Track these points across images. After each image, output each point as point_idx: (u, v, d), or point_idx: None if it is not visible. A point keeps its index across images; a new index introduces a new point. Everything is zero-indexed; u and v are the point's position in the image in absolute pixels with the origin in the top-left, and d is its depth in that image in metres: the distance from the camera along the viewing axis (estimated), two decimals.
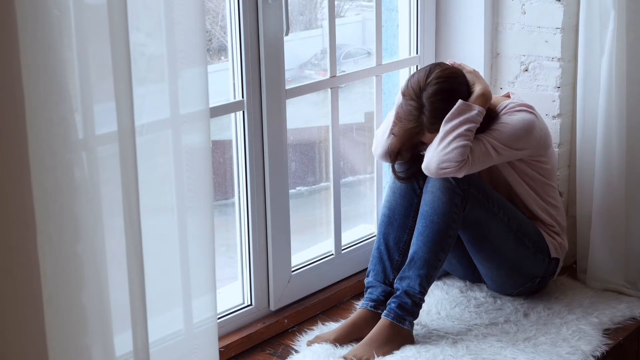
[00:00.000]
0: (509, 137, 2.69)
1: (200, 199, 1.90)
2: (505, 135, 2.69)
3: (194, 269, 1.93)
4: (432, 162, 2.61)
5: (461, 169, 2.59)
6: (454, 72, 2.69)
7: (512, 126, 2.70)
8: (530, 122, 2.72)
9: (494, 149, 2.66)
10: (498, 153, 2.67)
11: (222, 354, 2.46)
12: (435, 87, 2.63)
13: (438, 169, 2.60)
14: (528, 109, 2.75)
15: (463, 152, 2.58)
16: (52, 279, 1.61)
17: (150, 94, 1.79)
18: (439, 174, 2.62)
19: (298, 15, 3.16)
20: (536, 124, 2.74)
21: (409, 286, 2.63)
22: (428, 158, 2.62)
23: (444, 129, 2.61)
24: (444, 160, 2.59)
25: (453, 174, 2.61)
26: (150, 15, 1.78)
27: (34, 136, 1.55)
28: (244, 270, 2.76)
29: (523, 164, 2.79)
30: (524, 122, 2.71)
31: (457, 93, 2.65)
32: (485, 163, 2.67)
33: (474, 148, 2.62)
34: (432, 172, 2.62)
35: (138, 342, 1.80)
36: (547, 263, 2.84)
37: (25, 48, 1.51)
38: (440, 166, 2.60)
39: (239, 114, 2.65)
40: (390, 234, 2.77)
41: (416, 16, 3.22)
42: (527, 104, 2.79)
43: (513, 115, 2.72)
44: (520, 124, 2.71)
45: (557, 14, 3.07)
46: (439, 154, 2.60)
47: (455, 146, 2.58)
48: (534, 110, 2.78)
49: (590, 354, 2.60)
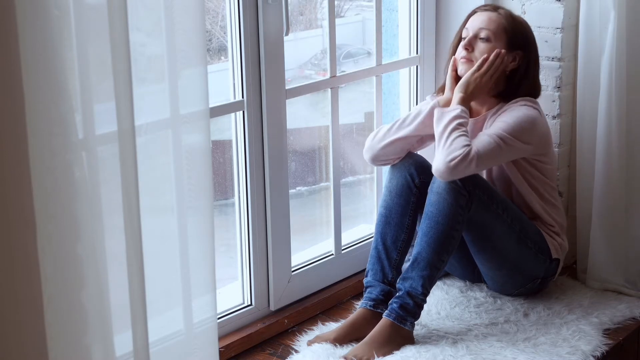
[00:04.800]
0: (514, 127, 2.68)
1: (200, 199, 1.90)
2: (511, 125, 2.68)
3: (194, 269, 1.93)
4: (439, 162, 2.59)
5: (471, 161, 2.57)
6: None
7: (517, 116, 2.71)
8: (534, 116, 2.73)
9: (501, 139, 2.65)
10: (506, 144, 2.65)
11: (222, 354, 2.46)
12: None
13: (447, 165, 2.57)
14: (532, 104, 2.76)
15: (464, 139, 2.59)
16: (52, 279, 1.61)
17: (150, 94, 1.79)
18: (450, 170, 2.57)
19: (298, 15, 3.16)
20: (539, 119, 2.75)
21: (411, 287, 2.63)
22: (435, 163, 2.61)
23: (436, 133, 2.63)
24: (449, 153, 2.58)
25: (465, 167, 2.57)
26: (150, 15, 1.78)
27: (34, 136, 1.55)
28: (244, 270, 2.76)
29: (525, 162, 2.79)
30: (528, 115, 2.72)
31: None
32: (494, 156, 2.65)
33: (482, 142, 2.63)
34: (442, 170, 2.58)
35: (138, 342, 1.80)
36: (547, 264, 2.84)
37: (25, 48, 1.51)
38: (447, 160, 2.57)
39: (239, 114, 2.65)
40: (388, 233, 2.77)
41: (416, 16, 3.22)
42: (532, 99, 2.80)
43: (517, 109, 2.74)
44: (524, 116, 2.71)
45: (557, 13, 3.07)
46: (442, 153, 2.59)
47: (453, 137, 2.60)
48: (538, 107, 2.80)
49: (590, 354, 2.60)
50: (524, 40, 2.80)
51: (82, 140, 1.66)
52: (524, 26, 2.83)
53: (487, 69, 2.74)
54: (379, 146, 2.78)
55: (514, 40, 2.78)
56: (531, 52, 2.82)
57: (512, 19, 2.80)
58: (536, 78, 2.85)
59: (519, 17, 2.86)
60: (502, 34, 2.77)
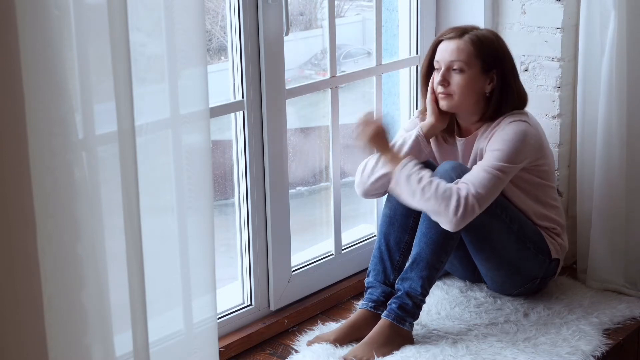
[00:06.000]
0: (509, 152, 2.65)
1: (200, 199, 1.90)
2: (505, 152, 2.65)
3: (194, 269, 1.93)
4: (445, 224, 2.58)
5: (473, 207, 2.56)
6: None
7: (508, 140, 2.67)
8: (524, 132, 2.69)
9: (498, 171, 2.63)
10: (504, 173, 2.64)
11: (222, 354, 2.46)
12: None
13: (454, 221, 2.57)
14: (519, 118, 2.72)
15: (436, 185, 2.57)
16: (52, 279, 1.61)
17: (150, 94, 1.79)
18: (459, 223, 2.57)
19: (298, 15, 3.16)
20: (529, 132, 2.71)
21: (410, 287, 2.63)
22: (442, 224, 2.60)
23: (409, 196, 2.62)
24: (445, 207, 2.56)
25: (471, 213, 2.57)
26: (150, 15, 1.78)
27: (34, 136, 1.55)
28: (244, 270, 2.76)
29: (521, 170, 2.77)
30: (517, 133, 2.68)
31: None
32: (496, 189, 2.64)
33: (479, 179, 2.60)
34: (453, 228, 2.59)
35: (138, 342, 1.80)
36: (547, 264, 2.84)
37: (25, 48, 1.51)
38: (451, 216, 2.56)
39: (239, 114, 2.65)
40: (391, 234, 2.77)
41: (416, 16, 3.22)
42: (518, 112, 2.76)
43: (505, 129, 2.70)
44: (515, 137, 2.67)
45: (557, 14, 3.07)
46: (438, 211, 2.58)
47: (429, 190, 2.57)
48: (526, 117, 2.75)
49: (590, 354, 2.60)
50: (496, 57, 2.74)
51: (82, 140, 1.66)
52: (492, 42, 2.75)
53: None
54: (369, 182, 2.77)
55: (487, 63, 2.73)
56: (505, 64, 2.75)
57: (479, 41, 2.73)
58: (518, 87, 2.79)
59: (485, 34, 2.77)
60: (474, 61, 2.72)
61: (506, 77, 2.75)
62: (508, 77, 2.75)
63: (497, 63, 2.74)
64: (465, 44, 2.72)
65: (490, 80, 2.74)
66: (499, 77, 2.74)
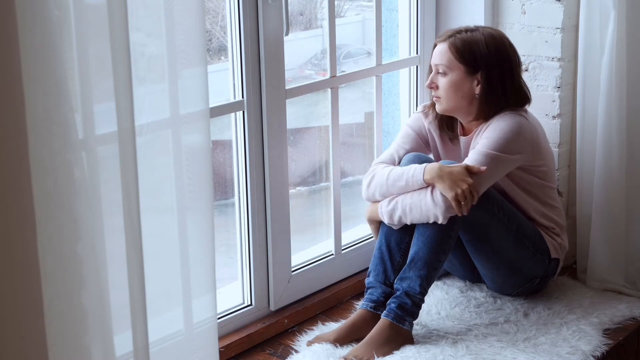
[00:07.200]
0: (499, 141, 2.67)
1: (200, 199, 1.90)
2: (495, 140, 2.67)
3: (194, 269, 1.93)
4: (438, 217, 2.62)
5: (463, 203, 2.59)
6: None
7: (500, 129, 2.69)
8: (518, 124, 2.70)
9: (488, 157, 2.64)
10: (495, 160, 2.64)
11: (222, 354, 2.46)
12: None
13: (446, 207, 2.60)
14: (517, 113, 2.74)
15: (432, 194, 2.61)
16: (52, 279, 1.61)
17: (150, 94, 1.79)
18: (449, 209, 2.60)
19: (298, 15, 3.16)
20: (525, 126, 2.72)
21: (409, 287, 2.63)
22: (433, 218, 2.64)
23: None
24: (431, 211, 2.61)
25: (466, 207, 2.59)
26: (150, 15, 1.77)
27: (34, 136, 1.55)
28: (244, 270, 2.76)
29: (520, 170, 2.77)
30: (511, 124, 2.69)
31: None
32: (487, 176, 2.64)
33: (471, 162, 2.63)
34: (441, 217, 2.61)
35: (138, 342, 1.80)
36: (547, 263, 2.84)
37: (25, 48, 1.51)
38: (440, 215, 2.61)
39: (239, 114, 2.65)
40: (392, 234, 2.76)
41: (416, 16, 3.22)
42: (517, 109, 2.77)
43: (500, 121, 2.72)
44: (507, 127, 2.69)
45: (557, 14, 3.07)
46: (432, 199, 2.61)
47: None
48: (524, 113, 2.76)
49: (590, 354, 2.60)
50: (484, 59, 2.72)
51: (82, 140, 1.66)
52: (477, 45, 2.73)
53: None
54: (375, 198, 2.76)
55: (471, 65, 2.73)
56: (504, 63, 2.74)
57: (462, 44, 2.72)
58: (517, 87, 2.78)
59: (473, 36, 2.75)
60: (455, 64, 2.73)
61: (493, 79, 2.74)
62: (497, 78, 2.74)
63: (483, 65, 2.73)
64: (447, 47, 2.75)
65: (477, 82, 2.74)
66: (484, 79, 2.73)
